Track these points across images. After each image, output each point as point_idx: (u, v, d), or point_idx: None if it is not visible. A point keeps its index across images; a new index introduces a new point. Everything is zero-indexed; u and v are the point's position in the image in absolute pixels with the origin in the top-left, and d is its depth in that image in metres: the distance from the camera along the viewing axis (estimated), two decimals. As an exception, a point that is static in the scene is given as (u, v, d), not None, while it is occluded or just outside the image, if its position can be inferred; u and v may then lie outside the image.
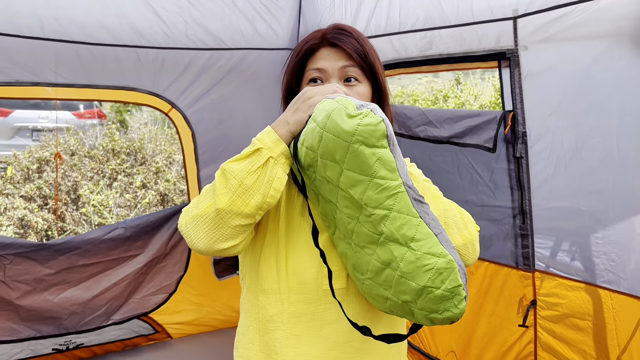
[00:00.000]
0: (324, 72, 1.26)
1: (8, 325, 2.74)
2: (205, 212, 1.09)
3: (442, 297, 1.00)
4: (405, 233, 1.01)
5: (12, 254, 2.73)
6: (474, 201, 2.43)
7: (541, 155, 2.15)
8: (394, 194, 1.01)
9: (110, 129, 7.29)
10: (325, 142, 1.01)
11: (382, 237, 1.02)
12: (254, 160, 1.08)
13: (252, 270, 1.27)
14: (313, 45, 1.29)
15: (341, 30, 1.28)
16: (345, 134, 0.98)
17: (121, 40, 2.61)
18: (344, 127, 0.98)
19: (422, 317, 1.03)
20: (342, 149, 1.00)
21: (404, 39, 2.52)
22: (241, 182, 1.06)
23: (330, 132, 1.00)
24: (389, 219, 1.01)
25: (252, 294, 1.28)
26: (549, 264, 2.21)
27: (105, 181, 5.99)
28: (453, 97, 7.92)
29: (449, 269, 1.00)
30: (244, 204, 1.07)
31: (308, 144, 1.05)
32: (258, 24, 2.95)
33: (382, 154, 1.00)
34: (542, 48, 2.05)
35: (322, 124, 1.02)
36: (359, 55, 1.25)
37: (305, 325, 1.21)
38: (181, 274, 3.22)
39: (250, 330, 1.28)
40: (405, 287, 1.01)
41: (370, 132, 0.98)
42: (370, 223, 1.03)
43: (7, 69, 2.43)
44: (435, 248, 1.01)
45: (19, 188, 5.66)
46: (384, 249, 1.03)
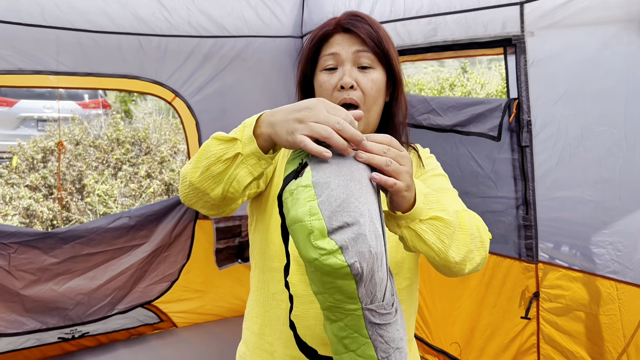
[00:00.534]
0: (338, 57, 1.24)
1: (13, 317, 2.74)
2: (184, 177, 1.12)
3: None
4: (347, 344, 0.95)
5: (17, 242, 2.73)
6: (474, 192, 2.41)
7: (546, 144, 2.12)
8: (346, 312, 0.92)
9: (115, 118, 7.29)
10: (293, 233, 0.88)
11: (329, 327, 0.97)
12: (228, 148, 1.02)
13: (261, 248, 1.29)
14: (327, 32, 1.27)
15: (355, 16, 1.27)
16: (305, 256, 0.86)
17: (123, 27, 2.59)
18: (302, 250, 0.86)
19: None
20: (304, 258, 0.87)
21: (409, 25, 2.49)
22: (209, 166, 1.04)
23: (294, 236, 0.87)
24: (336, 325, 0.95)
25: (260, 269, 1.30)
26: (552, 255, 2.19)
27: (110, 171, 5.99)
28: (459, 86, 7.86)
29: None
30: (209, 187, 1.06)
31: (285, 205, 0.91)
32: (261, 11, 2.92)
33: (342, 285, 0.87)
34: (548, 34, 2.02)
35: (289, 222, 0.87)
36: (373, 40, 1.23)
37: (306, 306, 1.21)
38: (184, 262, 3.24)
39: (257, 304, 1.31)
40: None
41: (328, 272, 0.85)
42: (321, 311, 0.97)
43: (9, 57, 2.43)
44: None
45: (24, 178, 5.67)
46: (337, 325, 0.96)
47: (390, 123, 1.35)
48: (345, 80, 1.21)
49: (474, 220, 1.16)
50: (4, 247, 2.70)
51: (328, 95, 1.25)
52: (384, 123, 1.35)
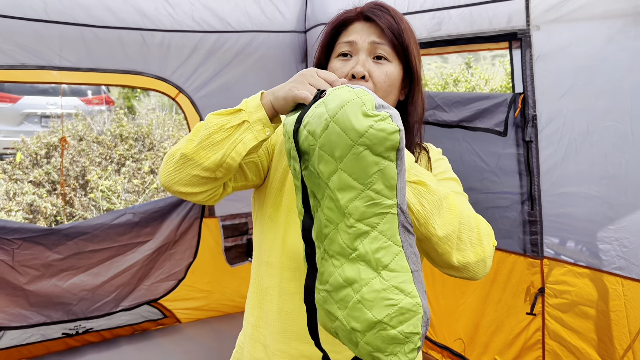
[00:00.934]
0: (354, 45, 1.20)
1: (17, 311, 2.75)
2: (174, 153, 1.12)
3: (394, 339, 0.90)
4: (380, 258, 0.92)
5: (21, 238, 2.74)
6: (478, 188, 2.39)
7: (551, 139, 2.11)
8: (383, 213, 0.92)
9: (118, 114, 7.29)
10: (330, 133, 0.91)
11: (355, 253, 0.93)
12: (231, 118, 1.09)
13: (258, 240, 1.30)
14: (348, 18, 1.24)
15: (379, 6, 1.23)
16: (353, 132, 0.88)
17: (126, 22, 2.58)
18: (355, 124, 0.88)
19: (365, 352, 0.94)
20: (345, 146, 0.89)
21: (413, 19, 2.46)
22: (210, 135, 1.08)
23: (339, 124, 0.90)
24: (369, 238, 0.92)
25: (257, 261, 1.31)
26: (558, 251, 2.18)
27: (114, 166, 6.00)
28: (464, 81, 7.83)
29: (412, 311, 0.91)
30: (205, 157, 1.08)
31: (311, 129, 0.94)
32: (265, 6, 2.91)
33: (386, 166, 0.90)
34: (554, 28, 2.00)
35: (332, 113, 0.91)
36: (393, 32, 1.18)
37: (298, 304, 1.20)
38: (190, 260, 3.22)
39: (254, 295, 1.31)
40: (359, 314, 0.92)
41: (381, 138, 0.88)
42: (348, 235, 0.93)
43: (12, 52, 2.42)
44: (406, 285, 0.92)
45: (28, 173, 5.68)
46: (352, 266, 0.93)
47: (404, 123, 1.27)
48: (357, 69, 1.17)
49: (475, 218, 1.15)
50: (8, 243, 2.70)
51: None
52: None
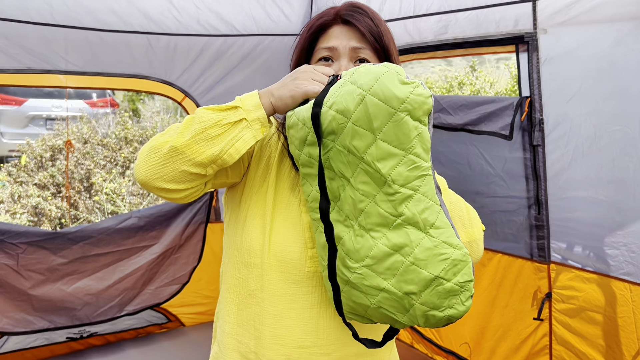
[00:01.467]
0: (335, 51, 1.19)
1: (21, 316, 2.74)
2: (161, 146, 1.06)
3: (451, 291, 0.95)
4: (427, 218, 0.97)
5: (25, 242, 2.73)
6: (485, 192, 2.38)
7: (558, 143, 2.10)
8: (423, 175, 0.97)
9: (123, 117, 7.30)
10: (366, 106, 0.95)
11: (401, 219, 0.97)
12: (228, 115, 1.07)
13: (235, 242, 1.23)
14: (326, 22, 1.21)
15: (356, 8, 1.21)
16: (394, 100, 0.94)
17: (132, 26, 2.58)
18: (395, 92, 0.94)
19: (420, 313, 0.97)
20: (385, 116, 0.95)
21: (419, 23, 2.47)
22: (205, 129, 1.05)
23: (377, 95, 0.95)
24: (413, 201, 0.97)
25: (233, 265, 1.24)
26: (565, 255, 2.16)
27: (118, 169, 6.00)
28: (468, 84, 7.81)
29: (463, 261, 0.96)
30: (198, 151, 1.04)
31: (340, 107, 0.98)
32: (270, 9, 2.91)
33: (423, 130, 0.96)
34: (562, 31, 1.99)
35: (367, 86, 0.96)
36: (373, 36, 1.17)
37: (286, 305, 1.16)
38: (195, 264, 3.22)
39: (229, 302, 1.24)
40: (414, 275, 0.96)
41: (420, 103, 0.94)
42: (390, 202, 0.97)
43: (19, 56, 2.42)
44: (453, 239, 0.98)
45: (33, 176, 5.69)
46: (398, 232, 0.97)
47: None
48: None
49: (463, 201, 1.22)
50: (13, 247, 2.69)
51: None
52: None
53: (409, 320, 0.99)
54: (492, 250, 2.41)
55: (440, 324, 0.97)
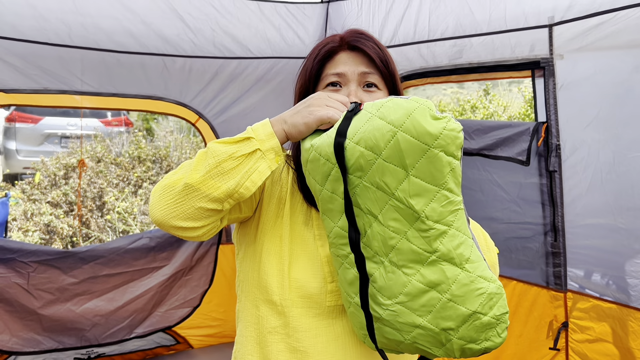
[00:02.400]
0: (343, 77, 1.19)
1: (30, 335, 2.72)
2: (175, 184, 1.04)
3: (488, 325, 0.95)
4: (462, 253, 0.95)
5: (36, 261, 2.72)
6: (499, 218, 2.35)
7: (576, 169, 2.07)
8: (456, 210, 0.96)
9: (137, 136, 7.37)
10: (398, 143, 0.93)
11: (435, 255, 0.96)
12: (241, 147, 1.04)
13: (252, 279, 1.21)
14: (332, 48, 1.21)
15: (361, 34, 1.22)
16: (427, 136, 0.92)
17: (147, 47, 2.61)
18: (428, 129, 0.92)
19: (457, 347, 0.97)
20: (418, 152, 0.93)
21: (433, 47, 2.47)
22: (219, 163, 1.02)
23: (409, 132, 0.93)
24: (448, 236, 0.95)
25: (251, 303, 1.22)
26: (582, 284, 2.11)
27: (131, 188, 6.03)
28: (481, 108, 7.80)
29: (498, 294, 0.96)
30: (214, 187, 1.01)
31: (369, 144, 0.96)
32: (285, 32, 2.93)
33: (456, 165, 0.95)
34: (579, 57, 1.97)
35: (398, 123, 0.94)
36: (381, 61, 1.18)
37: (312, 340, 1.14)
38: (206, 287, 3.18)
39: (249, 340, 1.21)
40: (452, 312, 0.95)
41: (453, 137, 0.93)
42: (423, 239, 0.96)
43: (36, 76, 2.45)
44: (487, 272, 0.97)
45: (46, 194, 5.73)
46: (433, 268, 0.96)
47: None
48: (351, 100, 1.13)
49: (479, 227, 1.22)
50: (23, 266, 2.69)
51: None
52: None
53: (445, 353, 0.98)
54: (506, 278, 2.37)
55: (475, 355, 0.98)
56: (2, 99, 2.42)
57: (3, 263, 2.66)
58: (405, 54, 2.59)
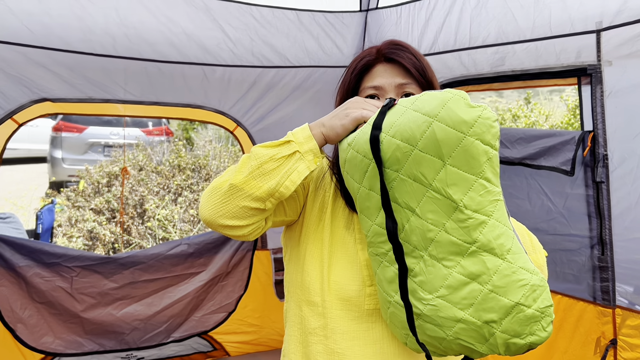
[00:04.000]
0: (381, 89, 1.20)
1: (73, 338, 2.80)
2: (221, 185, 1.11)
3: (532, 318, 0.92)
4: (503, 243, 0.94)
5: (79, 266, 2.80)
6: (545, 229, 2.27)
7: (624, 180, 1.98)
8: (495, 200, 0.95)
9: (177, 145, 7.50)
10: (434, 132, 0.94)
11: (475, 245, 0.94)
12: (281, 149, 1.10)
13: (296, 280, 1.26)
14: (369, 62, 1.24)
15: (397, 45, 1.23)
16: (463, 125, 0.92)
17: (188, 57, 2.65)
18: (464, 117, 0.92)
19: (501, 341, 0.94)
20: (454, 141, 0.93)
21: (474, 54, 2.42)
22: (261, 164, 1.08)
23: (444, 121, 0.93)
24: (488, 226, 0.94)
25: (295, 303, 1.27)
26: (632, 300, 2.02)
27: (171, 196, 6.13)
28: (523, 117, 7.63)
29: (542, 286, 0.94)
30: (256, 187, 1.08)
31: (405, 135, 0.97)
32: (323, 41, 2.93)
33: (493, 155, 0.95)
34: (628, 63, 1.90)
35: (433, 113, 0.95)
36: (418, 70, 1.19)
37: (349, 343, 1.17)
38: (241, 293, 3.21)
39: (293, 339, 1.26)
40: (494, 303, 0.93)
41: (488, 126, 0.93)
42: (462, 230, 0.95)
43: (81, 86, 2.53)
44: (529, 264, 0.95)
45: (89, 201, 5.88)
46: (474, 259, 0.94)
47: None
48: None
49: (524, 227, 1.22)
50: (67, 271, 2.77)
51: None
52: None
53: (489, 350, 0.96)
54: (551, 291, 2.29)
55: (521, 352, 0.94)
56: (50, 107, 2.51)
57: (48, 267, 2.74)
58: (445, 61, 2.55)
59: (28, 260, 2.69)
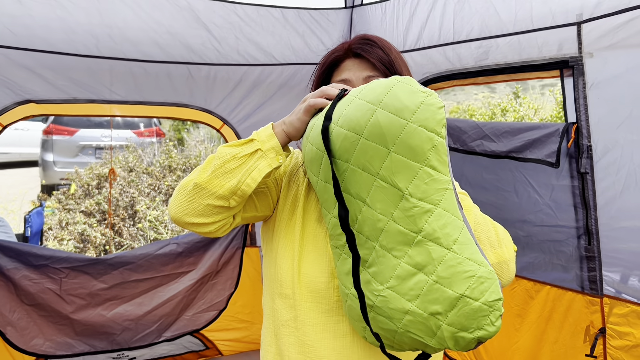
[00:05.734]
0: (349, 83, 1.24)
1: (63, 339, 2.79)
2: (187, 185, 1.14)
3: (479, 311, 0.88)
4: (449, 233, 0.92)
5: (68, 267, 2.79)
6: (532, 221, 2.29)
7: (608, 170, 1.99)
8: (442, 189, 0.93)
9: (168, 146, 7.48)
10: (378, 120, 0.93)
11: (421, 234, 0.93)
12: (244, 148, 1.13)
13: (270, 273, 1.28)
14: (338, 57, 1.27)
15: (366, 40, 1.26)
16: (405, 111, 0.91)
17: (173, 57, 2.64)
18: (406, 103, 0.91)
19: (448, 335, 0.91)
20: (397, 128, 0.92)
21: (459, 49, 2.43)
22: (224, 163, 1.11)
23: (388, 108, 0.93)
24: (433, 215, 0.93)
25: (269, 296, 1.28)
26: (619, 289, 2.03)
27: (162, 197, 6.12)
28: (512, 111, 7.66)
29: (490, 279, 0.90)
30: (219, 185, 1.10)
31: (351, 125, 0.97)
32: (309, 38, 2.93)
33: (439, 142, 0.92)
34: (609, 55, 1.91)
35: (377, 100, 0.94)
36: (384, 64, 1.22)
37: (319, 335, 1.18)
38: (232, 291, 3.21)
39: (269, 332, 1.28)
40: (438, 294, 0.90)
41: (432, 112, 0.91)
42: (408, 218, 0.93)
43: (65, 87, 2.51)
44: (477, 255, 0.92)
45: (80, 203, 5.86)
46: (420, 249, 0.93)
47: None
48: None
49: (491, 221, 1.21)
50: (56, 272, 2.76)
51: None
52: None
53: (439, 344, 0.93)
54: (540, 282, 2.30)
55: (470, 347, 0.91)
56: (34, 109, 2.49)
57: (37, 269, 2.73)
58: (430, 56, 2.56)
59: (16, 263, 2.68)
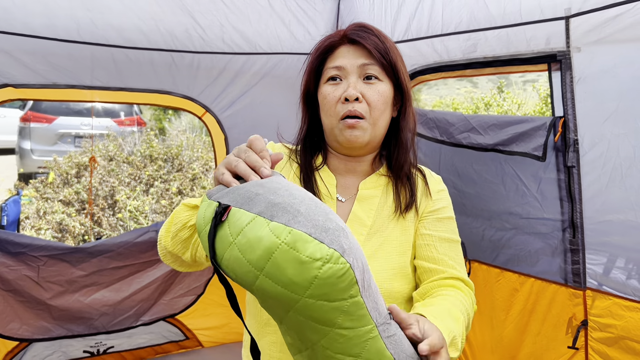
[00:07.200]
0: (343, 70, 1.20)
1: (41, 324, 2.78)
2: (160, 239, 1.14)
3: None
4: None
5: (46, 255, 2.76)
6: (519, 213, 2.29)
7: (595, 164, 2.00)
8: (363, 342, 0.79)
9: (149, 135, 7.38)
10: (264, 287, 0.75)
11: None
12: (192, 215, 1.08)
13: None
14: (332, 43, 1.24)
15: (362, 27, 1.23)
16: (294, 286, 0.73)
17: (156, 44, 2.59)
18: (294, 279, 0.72)
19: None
20: (290, 300, 0.75)
21: (447, 41, 2.42)
22: (177, 232, 1.08)
23: (272, 278, 0.74)
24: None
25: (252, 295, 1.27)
26: (601, 281, 2.05)
27: (142, 187, 6.03)
28: (495, 106, 7.70)
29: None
30: (180, 252, 1.09)
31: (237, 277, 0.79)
32: (295, 28, 2.89)
33: (349, 305, 0.76)
34: (596, 50, 1.91)
35: (258, 265, 0.74)
36: (380, 52, 1.19)
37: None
38: (210, 276, 3.21)
39: (251, 330, 1.26)
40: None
41: (333, 285, 0.73)
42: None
43: (45, 72, 2.44)
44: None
45: (58, 192, 5.75)
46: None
47: (397, 138, 1.30)
48: (349, 92, 1.16)
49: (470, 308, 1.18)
50: (34, 260, 2.72)
51: (332, 108, 1.20)
52: (391, 138, 1.30)
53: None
54: (524, 275, 2.31)
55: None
56: (12, 93, 2.42)
57: (14, 256, 2.69)
58: (418, 48, 2.54)
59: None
